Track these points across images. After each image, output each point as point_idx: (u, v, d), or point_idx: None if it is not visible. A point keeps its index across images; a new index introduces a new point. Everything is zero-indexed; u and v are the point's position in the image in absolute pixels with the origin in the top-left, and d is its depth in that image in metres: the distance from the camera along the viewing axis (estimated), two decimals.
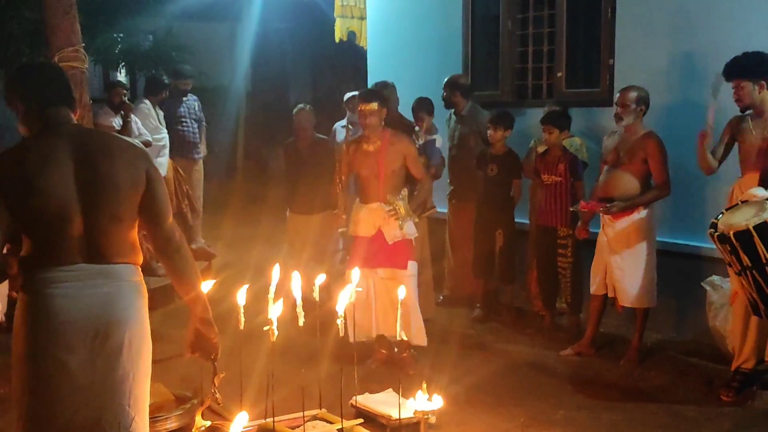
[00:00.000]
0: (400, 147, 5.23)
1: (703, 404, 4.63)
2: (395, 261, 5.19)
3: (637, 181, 5.20)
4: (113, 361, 2.65)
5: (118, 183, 2.65)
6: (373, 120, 5.16)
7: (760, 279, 4.18)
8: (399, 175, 5.24)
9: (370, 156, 5.24)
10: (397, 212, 5.08)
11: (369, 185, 5.29)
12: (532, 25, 6.96)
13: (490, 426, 4.36)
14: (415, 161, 5.29)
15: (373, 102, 5.16)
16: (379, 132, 5.22)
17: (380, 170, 5.20)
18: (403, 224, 5.10)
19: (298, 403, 4.11)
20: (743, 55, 4.60)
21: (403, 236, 5.16)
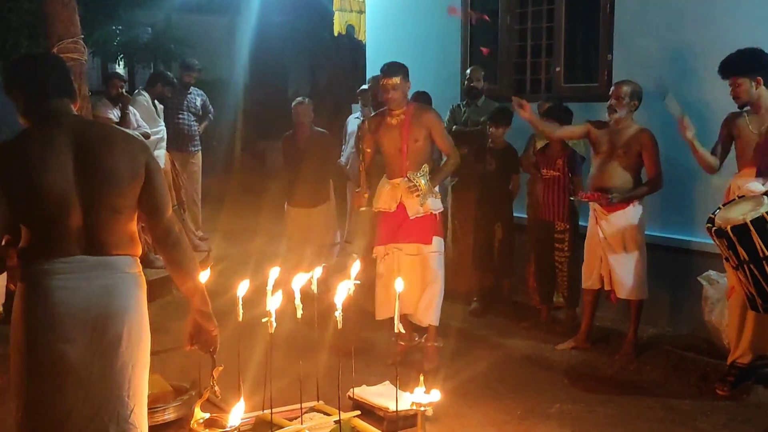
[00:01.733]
0: (425, 119, 5.12)
1: (699, 398, 4.65)
2: (419, 236, 5.09)
3: (630, 174, 5.22)
4: (112, 353, 2.66)
5: (117, 175, 2.66)
6: (397, 94, 5.07)
7: (757, 273, 4.21)
8: (423, 148, 5.13)
9: (393, 129, 5.15)
10: (418, 188, 4.99)
11: (392, 160, 5.20)
12: (531, 19, 6.96)
13: (487, 419, 4.38)
14: (441, 134, 5.16)
15: (396, 76, 5.06)
16: (403, 106, 5.13)
17: (403, 144, 5.11)
18: (424, 200, 5.01)
19: (295, 395, 4.13)
20: (738, 52, 4.61)
21: (426, 211, 5.07)
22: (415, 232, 5.09)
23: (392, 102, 5.10)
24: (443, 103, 6.83)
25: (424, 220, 5.08)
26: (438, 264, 5.14)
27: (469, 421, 4.34)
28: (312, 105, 6.77)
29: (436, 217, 5.14)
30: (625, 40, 6.15)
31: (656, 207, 5.55)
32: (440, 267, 5.17)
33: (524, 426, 4.30)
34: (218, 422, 3.89)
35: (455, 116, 6.77)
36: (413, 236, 5.09)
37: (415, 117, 5.11)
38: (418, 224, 5.08)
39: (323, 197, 6.79)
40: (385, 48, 8.34)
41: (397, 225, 5.12)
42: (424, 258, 5.11)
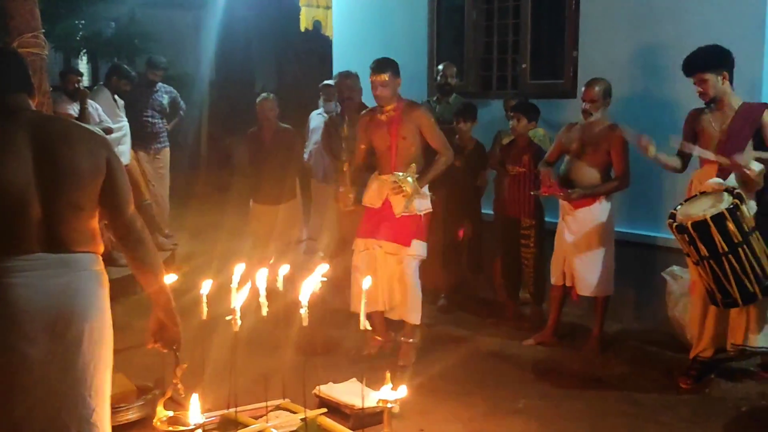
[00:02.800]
0: (414, 116, 5.06)
1: (663, 392, 4.70)
2: (399, 236, 5.03)
3: (598, 171, 5.26)
4: (73, 352, 2.62)
5: (77, 171, 2.61)
6: (385, 91, 5.01)
7: (717, 269, 4.27)
8: (413, 146, 5.07)
9: (383, 126, 5.09)
10: (402, 189, 4.92)
11: (382, 157, 5.15)
12: (497, 16, 6.98)
13: (453, 415, 4.39)
14: (431, 131, 5.09)
15: (384, 72, 5.00)
16: (393, 102, 5.07)
17: (392, 141, 5.05)
18: (409, 202, 4.95)
19: (261, 393, 4.11)
20: (701, 49, 4.65)
21: (411, 212, 5.00)
22: (396, 232, 5.02)
23: (381, 99, 5.05)
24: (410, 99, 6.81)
25: (407, 220, 5.02)
26: (415, 267, 5.09)
27: (435, 418, 4.34)
28: (277, 101, 6.72)
29: (420, 218, 5.07)
30: (590, 36, 6.20)
31: (621, 203, 5.60)
32: (416, 270, 5.11)
33: (490, 422, 4.31)
34: (181, 420, 3.85)
35: None
36: (393, 236, 5.03)
37: (405, 114, 5.05)
38: (401, 224, 5.02)
39: (289, 194, 6.75)
40: (352, 44, 8.32)
41: (380, 221, 5.07)
42: (401, 260, 5.05)
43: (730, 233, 4.20)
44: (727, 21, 5.30)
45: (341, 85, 6.15)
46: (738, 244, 4.22)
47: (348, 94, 6.07)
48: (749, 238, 4.26)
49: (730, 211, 4.21)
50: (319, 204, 7.58)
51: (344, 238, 6.13)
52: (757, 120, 4.53)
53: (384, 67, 5.04)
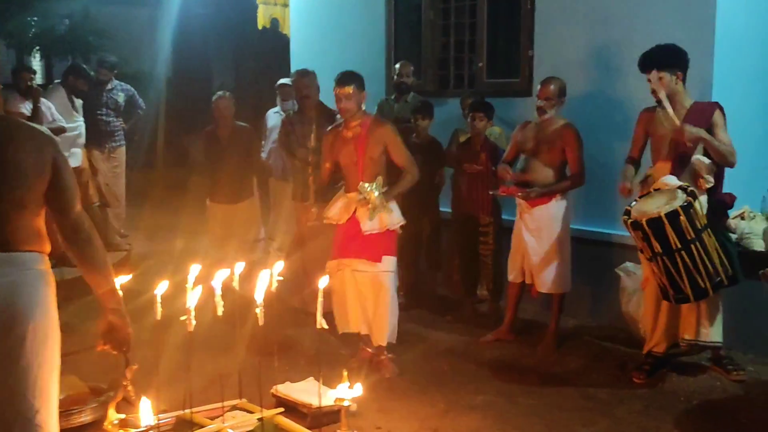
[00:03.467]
0: (381, 133, 4.94)
1: (617, 387, 4.76)
2: (369, 253, 4.90)
3: (553, 169, 5.31)
4: (16, 352, 2.57)
5: (22, 169, 2.57)
6: (350, 104, 4.90)
7: (669, 265, 4.34)
8: (379, 163, 4.97)
9: (349, 143, 4.99)
10: (368, 201, 4.84)
11: (349, 173, 5.04)
12: (454, 15, 7.01)
13: (411, 412, 4.39)
14: (398, 148, 4.98)
15: (349, 85, 4.89)
16: (358, 117, 4.97)
17: (359, 158, 4.94)
18: (374, 214, 4.85)
19: (217, 393, 4.07)
20: (658, 47, 4.72)
21: (381, 228, 4.89)
22: (366, 249, 4.91)
23: (345, 112, 4.95)
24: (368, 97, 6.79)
25: (377, 236, 4.91)
26: (389, 283, 4.95)
27: (393, 415, 4.34)
28: (233, 99, 6.67)
29: (391, 234, 4.97)
30: (545, 36, 6.25)
31: (577, 201, 5.66)
32: (392, 286, 4.97)
33: (448, 418, 4.33)
34: (132, 422, 3.81)
35: (383, 111, 6.76)
36: (364, 252, 4.91)
37: (371, 131, 4.94)
38: (370, 241, 4.90)
39: (246, 193, 6.70)
40: (310, 42, 8.30)
41: (350, 239, 4.95)
42: (374, 276, 4.92)
43: (684, 230, 4.28)
44: (679, 21, 5.38)
45: (298, 84, 6.12)
46: (691, 240, 4.29)
47: (305, 92, 6.04)
48: (701, 235, 4.34)
49: (684, 208, 4.28)
50: (277, 202, 7.54)
51: (301, 236, 6.11)
52: (708, 119, 4.61)
53: (348, 79, 4.93)
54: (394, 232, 5.00)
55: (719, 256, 4.43)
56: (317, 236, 5.99)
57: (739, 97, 5.33)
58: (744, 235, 5.16)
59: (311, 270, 5.78)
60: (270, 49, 11.85)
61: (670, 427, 4.21)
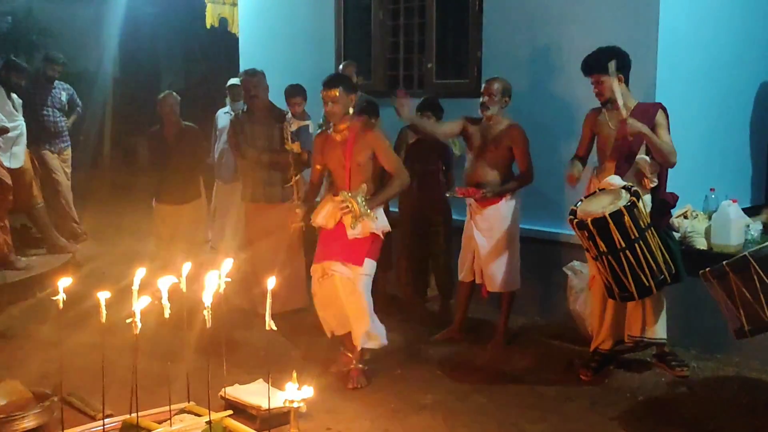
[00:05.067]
0: (369, 139, 4.83)
1: (565, 384, 4.82)
2: (349, 255, 4.78)
3: (501, 169, 5.35)
4: None
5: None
6: (336, 108, 4.78)
7: (614, 264, 4.41)
8: (367, 168, 4.86)
9: (337, 147, 4.89)
10: (350, 208, 4.72)
11: (337, 177, 4.95)
12: (403, 15, 7.03)
13: (361, 412, 4.39)
14: (386, 153, 4.87)
15: (334, 88, 4.77)
16: (347, 121, 4.85)
17: (347, 162, 4.85)
18: (356, 222, 4.73)
19: (164, 396, 4.01)
20: (599, 51, 4.79)
21: (365, 233, 4.77)
22: (347, 251, 4.79)
23: (331, 115, 4.85)
24: (318, 98, 6.77)
25: (360, 240, 4.79)
26: (365, 286, 4.82)
27: (343, 416, 4.34)
28: (179, 98, 6.58)
29: (375, 237, 4.83)
30: (493, 37, 6.30)
31: (525, 200, 5.71)
32: (365, 290, 4.82)
33: (398, 418, 4.34)
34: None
35: None
36: (346, 255, 4.78)
37: (359, 135, 4.84)
38: (354, 244, 4.79)
39: (193, 194, 6.63)
40: (259, 41, 8.25)
41: (333, 242, 4.84)
42: (354, 279, 4.79)
43: (628, 229, 4.34)
44: (623, 23, 5.47)
45: (246, 84, 6.07)
46: (635, 240, 4.37)
47: (254, 92, 6.00)
48: (645, 234, 4.42)
49: (628, 208, 4.35)
50: (222, 204, 7.48)
51: (250, 237, 6.07)
52: (651, 119, 4.69)
53: (334, 82, 4.84)
54: (379, 237, 4.87)
55: (662, 255, 4.52)
56: (265, 237, 5.96)
57: (683, 98, 5.45)
58: (687, 233, 5.27)
59: (260, 271, 5.74)
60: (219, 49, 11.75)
61: (616, 424, 4.28)
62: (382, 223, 4.88)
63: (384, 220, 4.90)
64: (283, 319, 5.05)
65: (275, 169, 5.95)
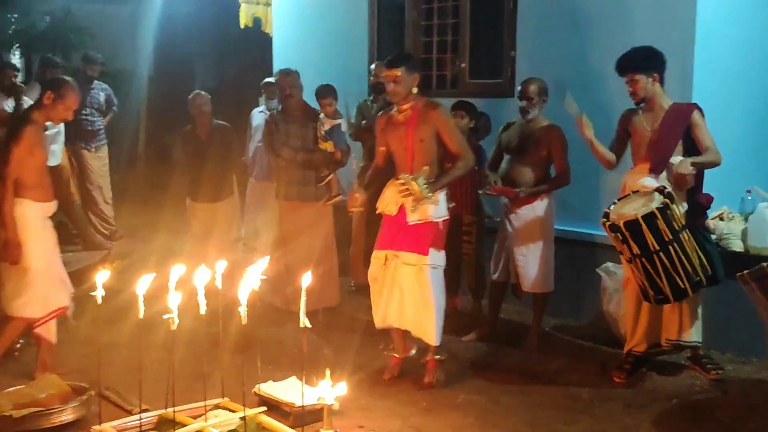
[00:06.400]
0: (432, 116, 4.67)
1: (597, 386, 4.79)
2: (414, 245, 4.64)
3: (538, 170, 5.34)
4: None
5: None
6: (398, 87, 4.63)
7: (648, 266, 4.38)
8: (430, 148, 4.69)
9: (400, 127, 4.74)
10: (410, 190, 4.55)
11: (400, 159, 4.79)
12: (437, 15, 7.03)
13: (393, 411, 4.41)
14: (450, 132, 4.70)
15: (396, 67, 4.62)
16: (410, 101, 4.71)
17: (408, 142, 4.69)
18: (416, 206, 4.59)
19: (200, 392, 4.06)
20: (634, 50, 4.76)
21: (423, 218, 4.63)
22: (413, 241, 4.65)
23: (393, 95, 4.71)
24: (350, 97, 6.84)
25: (422, 227, 4.65)
26: (434, 278, 4.68)
27: (375, 414, 4.36)
28: (209, 97, 6.65)
29: (437, 225, 4.70)
30: (527, 37, 6.29)
31: (559, 201, 5.69)
32: (437, 281, 4.70)
33: (429, 417, 4.34)
34: None
35: (363, 112, 6.77)
36: (410, 244, 4.65)
37: (422, 114, 4.68)
38: (417, 232, 4.65)
39: (226, 191, 6.69)
40: (292, 41, 8.30)
41: (398, 230, 4.71)
42: (420, 270, 4.65)
43: (661, 232, 4.32)
44: (660, 22, 5.43)
45: (281, 83, 6.12)
46: (668, 242, 4.34)
47: (288, 92, 6.04)
48: (679, 236, 4.38)
49: (661, 210, 4.32)
50: (255, 202, 7.52)
51: (283, 236, 6.11)
52: (687, 120, 4.66)
53: (396, 61, 4.68)
54: (440, 224, 4.74)
55: (698, 257, 4.48)
56: (299, 235, 6.00)
57: (719, 98, 5.39)
58: (723, 235, 5.21)
59: (293, 269, 5.78)
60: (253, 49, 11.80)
61: (650, 426, 4.25)
62: (441, 211, 4.71)
63: (443, 208, 4.73)
64: (316, 317, 5.09)
65: (309, 168, 5.98)
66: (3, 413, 3.99)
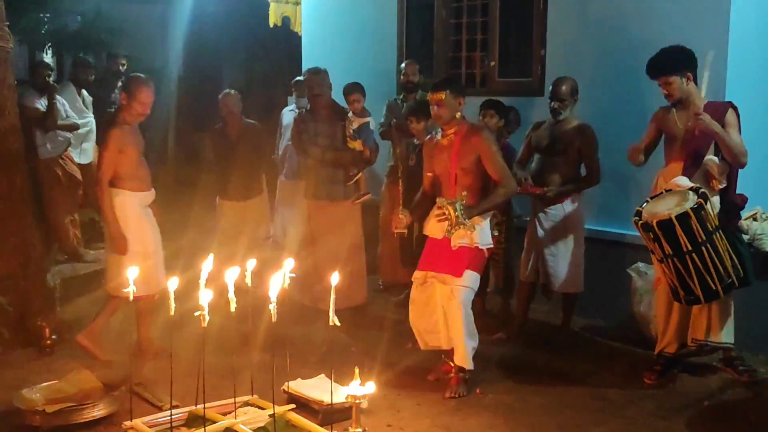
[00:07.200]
0: (474, 142, 4.61)
1: (627, 387, 4.76)
2: (451, 266, 4.59)
3: (568, 169, 5.31)
4: None
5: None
6: (442, 111, 4.61)
7: (680, 266, 4.33)
8: (473, 173, 4.64)
9: (444, 151, 4.71)
10: (447, 215, 4.52)
11: (444, 183, 4.76)
12: (466, 14, 7.01)
13: (421, 410, 4.41)
14: (491, 158, 4.61)
15: (441, 91, 4.60)
16: (454, 125, 4.67)
17: (452, 167, 4.66)
18: (452, 230, 4.52)
19: (229, 389, 4.09)
20: (664, 51, 4.68)
21: (470, 244, 4.57)
22: (450, 262, 4.61)
23: (437, 119, 4.70)
24: (379, 96, 6.85)
25: (463, 250, 4.60)
26: (466, 300, 4.59)
27: (404, 413, 4.36)
28: (239, 96, 6.68)
29: (479, 251, 4.63)
30: (557, 35, 6.25)
31: (590, 201, 5.66)
32: (467, 303, 4.61)
33: (458, 416, 4.34)
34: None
35: (393, 111, 6.77)
36: (447, 266, 4.61)
37: (465, 139, 4.63)
38: (456, 254, 4.61)
39: (256, 190, 6.72)
40: (321, 40, 8.32)
41: (439, 252, 4.67)
42: (453, 290, 4.59)
43: (694, 232, 4.27)
44: (693, 20, 5.38)
45: (310, 81, 6.13)
46: (701, 243, 4.28)
47: (317, 91, 6.04)
48: (713, 237, 4.33)
49: (695, 210, 4.27)
50: (285, 201, 7.54)
51: (311, 235, 6.12)
52: (721, 119, 4.60)
53: (441, 85, 4.67)
54: (485, 251, 4.69)
55: (730, 258, 4.42)
56: (328, 234, 6.01)
57: (753, 97, 5.33)
58: (756, 236, 5.15)
59: (322, 268, 5.79)
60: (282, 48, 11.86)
61: (681, 428, 4.21)
62: (485, 238, 4.65)
63: (487, 235, 4.66)
64: (344, 316, 5.09)
65: (338, 167, 5.99)
66: (36, 408, 4.05)
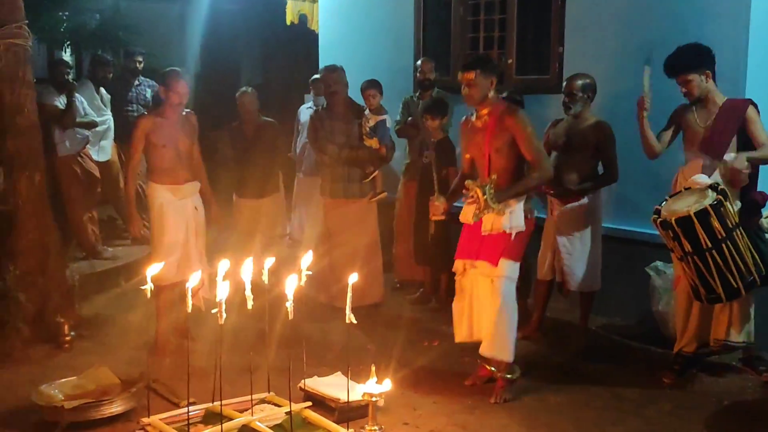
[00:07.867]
0: (507, 124, 4.43)
1: (645, 386, 4.72)
2: (487, 254, 4.47)
3: (585, 167, 5.28)
4: None
5: None
6: (473, 90, 4.44)
7: (700, 264, 4.30)
8: (507, 155, 4.47)
9: (478, 133, 4.58)
10: (476, 199, 4.40)
11: (479, 166, 4.63)
12: (484, 11, 6.98)
13: (438, 408, 4.40)
14: (526, 140, 4.41)
15: (471, 70, 4.43)
16: (487, 105, 4.51)
17: (486, 149, 4.51)
18: (480, 214, 4.39)
19: (246, 386, 4.10)
20: (681, 50, 4.64)
21: (497, 229, 4.44)
22: (485, 250, 4.48)
23: (468, 99, 4.52)
24: (395, 94, 6.84)
25: (496, 237, 4.46)
26: (506, 290, 4.46)
27: (420, 411, 4.35)
28: (257, 94, 6.68)
29: (510, 236, 4.46)
30: (575, 32, 6.21)
31: (607, 199, 5.62)
32: (509, 294, 4.48)
33: (475, 415, 4.32)
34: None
35: (409, 108, 6.75)
36: (483, 253, 4.49)
37: (499, 120, 4.46)
38: (490, 241, 4.47)
39: (272, 188, 6.72)
40: (338, 38, 8.31)
41: (473, 238, 4.55)
42: (492, 281, 4.48)
43: (714, 229, 4.23)
44: (712, 17, 5.32)
45: (327, 79, 6.13)
46: (722, 240, 4.25)
47: (333, 88, 6.05)
48: (733, 234, 4.29)
49: (714, 207, 4.23)
50: (302, 198, 7.55)
51: (327, 233, 6.12)
52: (741, 116, 4.56)
53: (472, 64, 4.48)
54: (519, 235, 4.51)
55: (752, 256, 4.38)
56: (344, 232, 6.01)
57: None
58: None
59: (338, 266, 5.80)
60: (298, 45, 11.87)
61: (700, 428, 4.18)
62: (516, 221, 4.47)
63: (519, 219, 4.49)
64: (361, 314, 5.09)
65: (354, 165, 5.99)
66: (55, 404, 4.08)
